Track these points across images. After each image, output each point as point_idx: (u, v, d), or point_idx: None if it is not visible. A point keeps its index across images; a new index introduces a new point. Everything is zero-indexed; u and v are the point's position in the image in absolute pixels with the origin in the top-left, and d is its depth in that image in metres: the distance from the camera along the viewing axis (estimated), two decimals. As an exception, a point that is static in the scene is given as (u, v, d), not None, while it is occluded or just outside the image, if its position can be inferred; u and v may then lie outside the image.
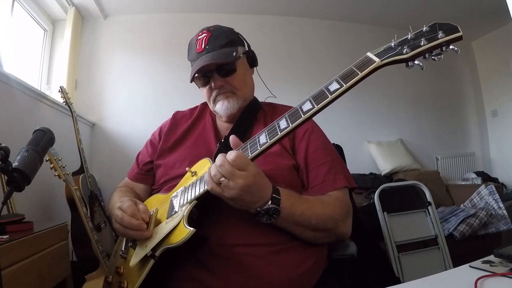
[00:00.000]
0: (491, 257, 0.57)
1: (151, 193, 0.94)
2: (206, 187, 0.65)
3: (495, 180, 3.15)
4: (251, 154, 0.64)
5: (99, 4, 2.65)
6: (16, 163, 0.62)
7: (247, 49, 0.93)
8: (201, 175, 0.71)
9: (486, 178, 3.15)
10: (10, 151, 0.60)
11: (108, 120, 2.73)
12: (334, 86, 0.59)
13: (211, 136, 0.90)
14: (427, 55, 0.55)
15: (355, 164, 2.80)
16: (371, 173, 2.93)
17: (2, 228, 0.94)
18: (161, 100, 2.80)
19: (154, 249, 0.65)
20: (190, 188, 0.71)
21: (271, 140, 0.62)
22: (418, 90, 3.49)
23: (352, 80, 0.57)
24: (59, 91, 1.85)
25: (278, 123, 0.64)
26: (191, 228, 0.62)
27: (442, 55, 0.55)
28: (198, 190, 0.68)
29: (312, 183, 0.80)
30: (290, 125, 0.61)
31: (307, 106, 0.61)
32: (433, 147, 3.46)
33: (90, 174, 1.82)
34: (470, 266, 0.55)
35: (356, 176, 2.75)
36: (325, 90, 0.60)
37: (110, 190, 2.20)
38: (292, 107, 0.98)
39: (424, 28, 0.56)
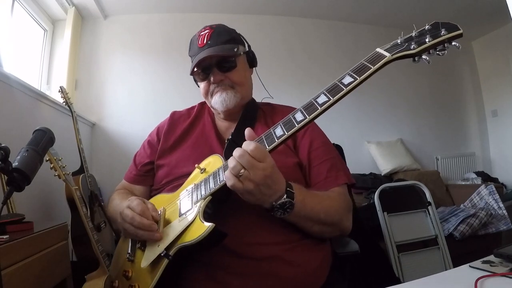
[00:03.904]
0: (491, 257, 0.57)
1: (150, 195, 0.92)
2: (221, 181, 0.65)
3: (495, 180, 3.14)
4: (268, 146, 0.64)
5: (99, 4, 2.65)
6: (16, 163, 0.62)
7: (247, 49, 0.94)
8: (213, 171, 0.71)
9: (486, 178, 3.15)
10: (10, 151, 0.60)
11: (108, 120, 2.73)
12: (347, 79, 0.61)
13: (212, 135, 0.90)
14: (431, 51, 0.60)
15: (355, 164, 2.80)
16: (371, 173, 2.93)
17: (2, 228, 0.94)
18: (161, 100, 2.80)
19: (167, 248, 0.64)
20: (202, 184, 0.70)
21: (289, 132, 0.62)
22: (418, 90, 3.49)
23: (365, 74, 0.59)
24: (59, 91, 1.85)
25: (294, 116, 0.64)
26: (210, 223, 0.60)
27: (446, 51, 0.60)
28: (213, 185, 0.67)
29: (315, 180, 0.82)
30: (307, 117, 0.61)
31: (322, 98, 0.62)
32: (433, 147, 3.46)
33: (90, 174, 1.82)
34: (470, 266, 0.55)
35: (356, 176, 2.74)
36: (339, 84, 0.61)
37: (110, 190, 2.20)
38: (290, 106, 0.99)
39: (427, 27, 0.60)
